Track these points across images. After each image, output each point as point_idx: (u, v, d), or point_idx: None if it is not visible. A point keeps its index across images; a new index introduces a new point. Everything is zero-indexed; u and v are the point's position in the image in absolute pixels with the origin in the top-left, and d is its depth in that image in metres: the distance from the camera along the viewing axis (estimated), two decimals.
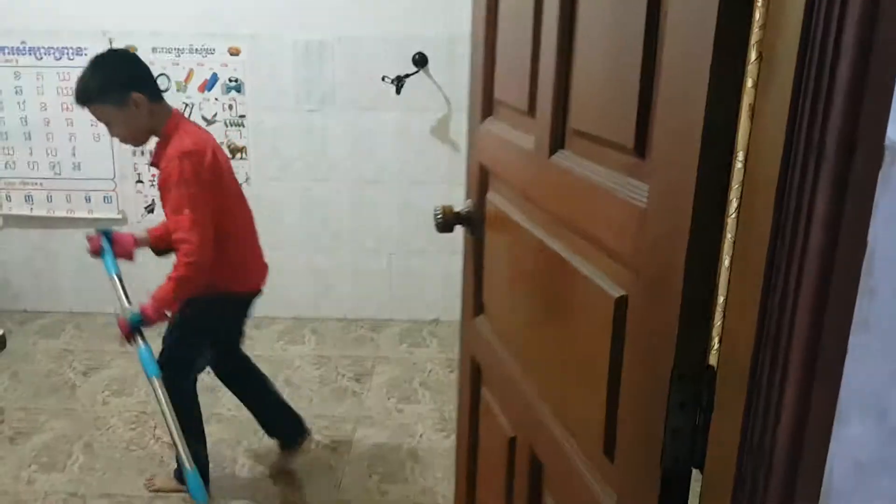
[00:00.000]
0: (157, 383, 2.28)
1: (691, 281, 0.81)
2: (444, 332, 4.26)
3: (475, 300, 1.81)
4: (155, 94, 2.45)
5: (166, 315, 2.41)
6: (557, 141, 1.20)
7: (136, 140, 2.55)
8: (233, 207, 2.60)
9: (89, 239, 2.63)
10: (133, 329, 2.32)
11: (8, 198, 4.26)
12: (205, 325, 2.65)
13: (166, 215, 2.45)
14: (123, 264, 2.61)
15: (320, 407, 3.40)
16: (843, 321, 0.69)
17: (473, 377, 1.82)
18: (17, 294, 4.40)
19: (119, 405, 3.40)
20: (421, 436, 3.17)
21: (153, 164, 2.50)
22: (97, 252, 2.60)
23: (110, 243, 2.60)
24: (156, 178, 2.54)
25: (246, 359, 2.94)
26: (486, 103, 1.62)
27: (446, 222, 1.70)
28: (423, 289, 4.36)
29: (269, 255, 4.25)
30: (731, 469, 0.76)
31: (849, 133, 0.65)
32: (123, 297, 2.44)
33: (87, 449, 3.05)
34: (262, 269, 2.77)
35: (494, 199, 1.57)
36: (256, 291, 2.73)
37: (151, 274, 2.64)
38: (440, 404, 3.43)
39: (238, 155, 4.14)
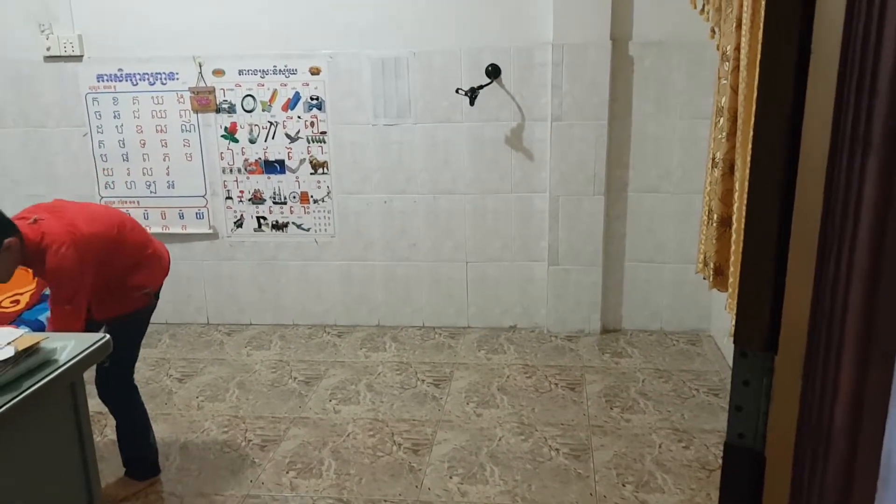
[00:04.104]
0: None
1: (749, 263, 0.85)
2: (521, 338, 4.31)
3: None
4: (19, 231, 2.48)
5: None
6: None
7: (10, 275, 2.58)
8: (117, 245, 2.78)
9: None
10: None
11: None
12: (139, 333, 2.98)
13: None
14: None
15: (401, 411, 3.49)
16: (895, 300, 0.72)
17: None
18: None
19: (212, 410, 3.58)
20: (500, 439, 3.22)
21: (35, 276, 2.70)
22: None
23: None
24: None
25: None
26: None
27: None
28: (499, 296, 4.42)
29: (350, 266, 4.43)
30: (791, 447, 0.80)
31: (894, 122, 0.68)
32: None
33: (183, 451, 3.22)
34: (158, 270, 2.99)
35: None
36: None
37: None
38: (518, 409, 3.47)
39: (320, 170, 4.30)
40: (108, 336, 1.96)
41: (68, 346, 1.89)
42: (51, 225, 2.56)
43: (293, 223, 4.43)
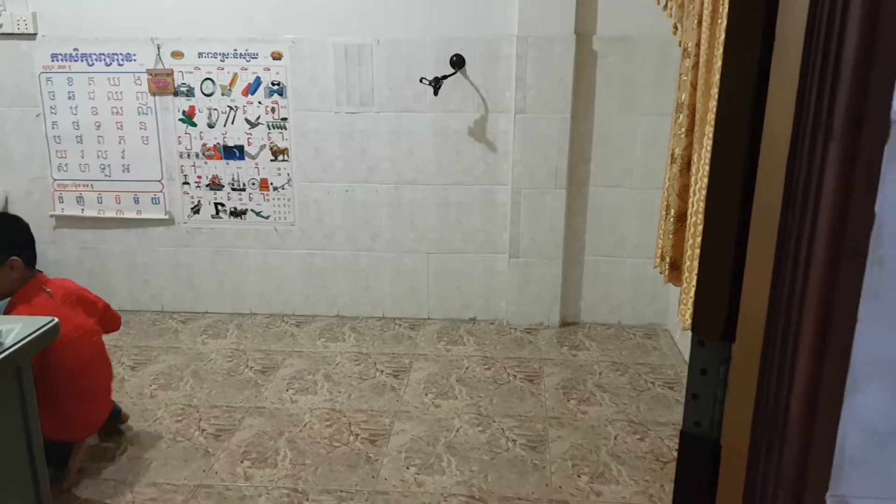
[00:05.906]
0: None
1: (708, 253, 0.85)
2: (481, 330, 4.31)
3: None
4: (31, 261, 2.58)
5: None
6: None
7: (3, 294, 2.62)
8: (83, 366, 2.81)
9: None
10: None
11: (60, 199, 4.42)
12: None
13: None
14: None
15: (359, 401, 3.47)
16: (853, 290, 0.72)
17: None
18: None
19: (165, 398, 3.51)
20: (458, 430, 3.21)
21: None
22: None
23: None
24: None
25: None
26: None
27: None
28: (460, 288, 4.41)
29: (310, 255, 4.38)
30: (746, 435, 0.80)
31: (856, 110, 0.68)
32: None
33: (135, 440, 3.16)
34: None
35: None
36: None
37: None
38: (476, 400, 3.47)
39: (280, 156, 4.24)
40: (56, 319, 1.91)
41: (14, 329, 1.83)
42: (52, 301, 2.60)
43: (252, 210, 4.36)
